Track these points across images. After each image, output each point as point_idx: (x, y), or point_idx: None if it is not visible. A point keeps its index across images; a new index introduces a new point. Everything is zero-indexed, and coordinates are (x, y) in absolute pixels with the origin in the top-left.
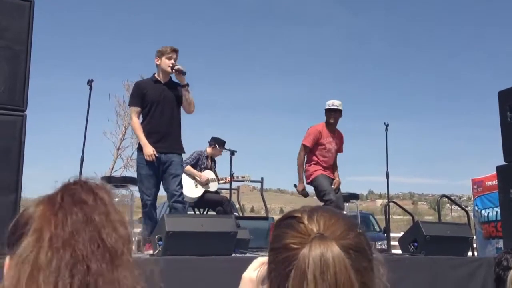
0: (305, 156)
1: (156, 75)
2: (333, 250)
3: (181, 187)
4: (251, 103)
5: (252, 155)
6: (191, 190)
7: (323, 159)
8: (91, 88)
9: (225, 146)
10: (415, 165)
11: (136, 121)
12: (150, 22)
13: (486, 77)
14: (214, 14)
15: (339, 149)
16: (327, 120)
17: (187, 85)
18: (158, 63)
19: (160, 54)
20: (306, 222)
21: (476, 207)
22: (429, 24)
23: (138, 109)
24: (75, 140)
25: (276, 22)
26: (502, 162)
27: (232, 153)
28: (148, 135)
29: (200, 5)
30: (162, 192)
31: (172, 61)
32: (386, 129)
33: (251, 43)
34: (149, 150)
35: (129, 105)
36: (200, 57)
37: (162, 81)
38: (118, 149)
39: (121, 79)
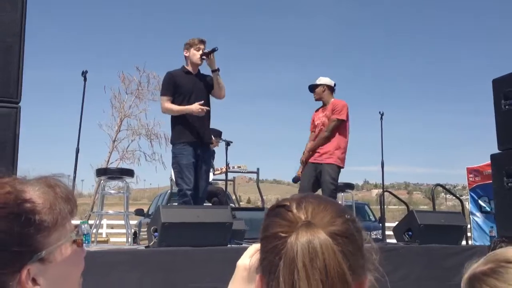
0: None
1: (186, 67)
2: (319, 237)
3: (207, 183)
4: (246, 92)
5: (247, 146)
6: None
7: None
8: (85, 79)
9: (222, 137)
10: (410, 155)
11: (169, 105)
12: (145, 14)
13: (482, 64)
14: (207, 4)
15: (329, 119)
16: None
17: (218, 69)
18: (187, 55)
19: (189, 46)
20: (294, 210)
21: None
22: (423, 10)
23: (170, 98)
24: (70, 132)
25: (269, 10)
26: (497, 151)
27: (228, 143)
28: (183, 125)
29: None
30: (161, 184)
31: (201, 52)
32: (381, 118)
33: (244, 32)
34: (195, 106)
35: (161, 94)
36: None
37: (193, 72)
38: (114, 141)
39: (116, 70)
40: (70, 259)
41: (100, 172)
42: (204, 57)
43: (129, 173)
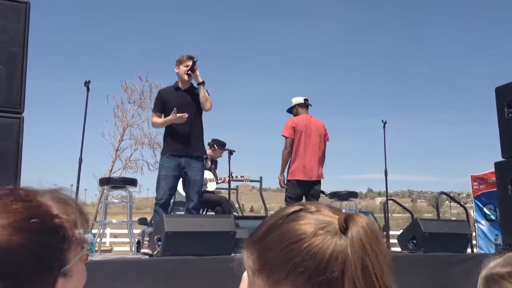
0: None
1: (177, 83)
2: (369, 220)
3: (198, 194)
4: (250, 100)
5: (250, 155)
6: None
7: None
8: (88, 89)
9: (225, 147)
10: (413, 163)
11: (157, 119)
12: (148, 23)
13: (485, 73)
14: (210, 13)
15: None
16: None
17: (203, 83)
18: (177, 71)
19: (178, 63)
20: (314, 209)
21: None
22: (428, 19)
23: (159, 114)
24: (73, 141)
25: (274, 17)
26: (501, 159)
27: (231, 152)
28: (169, 138)
29: (198, 2)
30: None
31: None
32: (384, 126)
33: (248, 40)
34: (172, 115)
35: (152, 111)
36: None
37: (182, 88)
38: (117, 150)
39: (118, 80)
40: (81, 272)
41: (104, 182)
42: (189, 71)
43: (132, 182)
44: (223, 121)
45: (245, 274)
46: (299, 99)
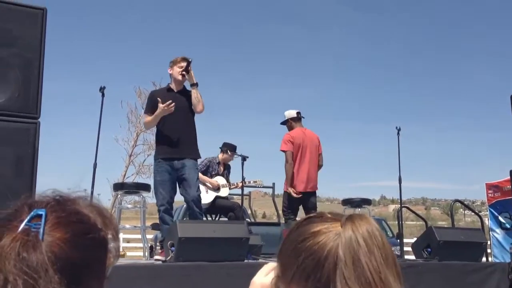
0: None
1: (170, 84)
2: (372, 222)
3: (198, 190)
4: (262, 106)
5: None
6: (202, 196)
7: None
8: (103, 95)
9: (237, 152)
10: (427, 170)
11: (147, 118)
12: (161, 30)
13: (500, 80)
14: (221, 19)
15: None
16: None
17: (196, 84)
18: (170, 72)
19: (172, 64)
20: (328, 214)
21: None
22: (442, 24)
23: (150, 115)
24: (88, 146)
25: (285, 23)
26: None
27: (244, 158)
28: (161, 142)
29: (208, 8)
30: (177, 198)
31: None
32: (398, 133)
33: (261, 45)
34: (161, 108)
35: (144, 112)
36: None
37: (175, 90)
38: (130, 155)
39: (132, 86)
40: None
41: (117, 187)
42: (183, 72)
43: (146, 187)
44: (235, 127)
45: (253, 279)
46: (292, 113)
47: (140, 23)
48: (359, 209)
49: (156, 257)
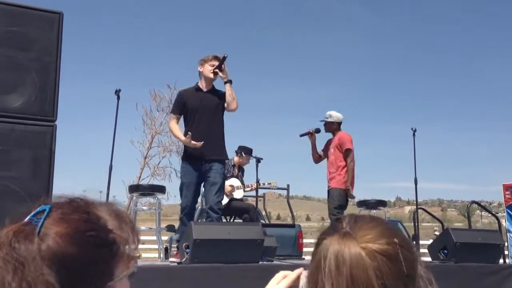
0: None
1: (198, 83)
2: (351, 248)
3: (219, 196)
4: (277, 108)
5: (277, 162)
6: None
7: None
8: (118, 98)
9: (252, 154)
10: (443, 171)
11: (173, 125)
12: (175, 32)
13: None
14: (235, 22)
15: (333, 152)
16: None
17: (230, 81)
18: (200, 70)
19: (203, 61)
20: (343, 222)
21: None
22: (458, 26)
23: (177, 116)
24: (103, 148)
25: (300, 25)
26: None
27: (258, 160)
28: (186, 146)
29: (225, 12)
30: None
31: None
32: (414, 134)
33: (276, 47)
34: (186, 140)
35: (171, 112)
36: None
37: (204, 89)
38: (145, 157)
39: (147, 88)
40: None
41: (132, 189)
42: (216, 69)
43: (161, 189)
44: (250, 128)
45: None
46: (340, 117)
47: (155, 26)
48: (374, 211)
49: (171, 259)
